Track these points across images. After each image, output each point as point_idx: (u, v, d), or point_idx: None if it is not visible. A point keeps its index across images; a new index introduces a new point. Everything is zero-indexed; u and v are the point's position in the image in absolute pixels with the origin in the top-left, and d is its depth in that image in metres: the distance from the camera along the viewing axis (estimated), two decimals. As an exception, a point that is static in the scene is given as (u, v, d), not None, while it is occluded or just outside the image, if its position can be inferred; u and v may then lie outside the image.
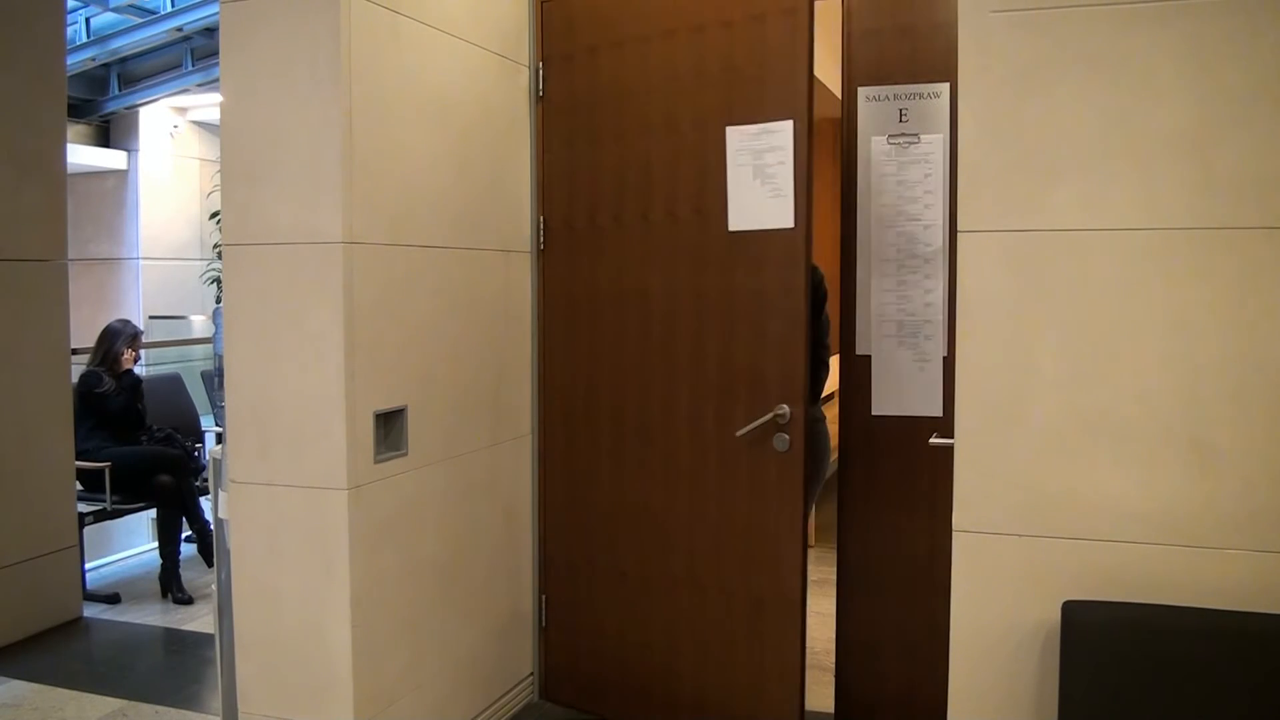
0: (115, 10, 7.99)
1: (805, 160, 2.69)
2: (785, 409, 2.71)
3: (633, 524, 3.04)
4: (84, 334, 4.79)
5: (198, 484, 4.65)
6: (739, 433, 2.76)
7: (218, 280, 7.74)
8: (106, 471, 4.39)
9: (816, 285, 2.98)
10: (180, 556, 4.52)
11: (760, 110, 2.74)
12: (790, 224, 2.69)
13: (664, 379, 2.95)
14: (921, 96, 2.82)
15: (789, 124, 2.69)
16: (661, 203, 2.92)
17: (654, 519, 2.99)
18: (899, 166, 2.84)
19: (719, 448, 2.85)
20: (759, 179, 2.75)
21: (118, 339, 4.68)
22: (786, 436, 2.71)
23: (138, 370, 4.95)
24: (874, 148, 2.86)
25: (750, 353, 2.79)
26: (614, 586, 3.09)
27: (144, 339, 5.04)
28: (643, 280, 2.99)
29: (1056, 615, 2.00)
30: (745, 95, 2.78)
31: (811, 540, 5.00)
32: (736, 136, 2.78)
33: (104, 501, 4.42)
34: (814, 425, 3.07)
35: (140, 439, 4.72)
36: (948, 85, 2.75)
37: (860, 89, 2.88)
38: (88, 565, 4.48)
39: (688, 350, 2.90)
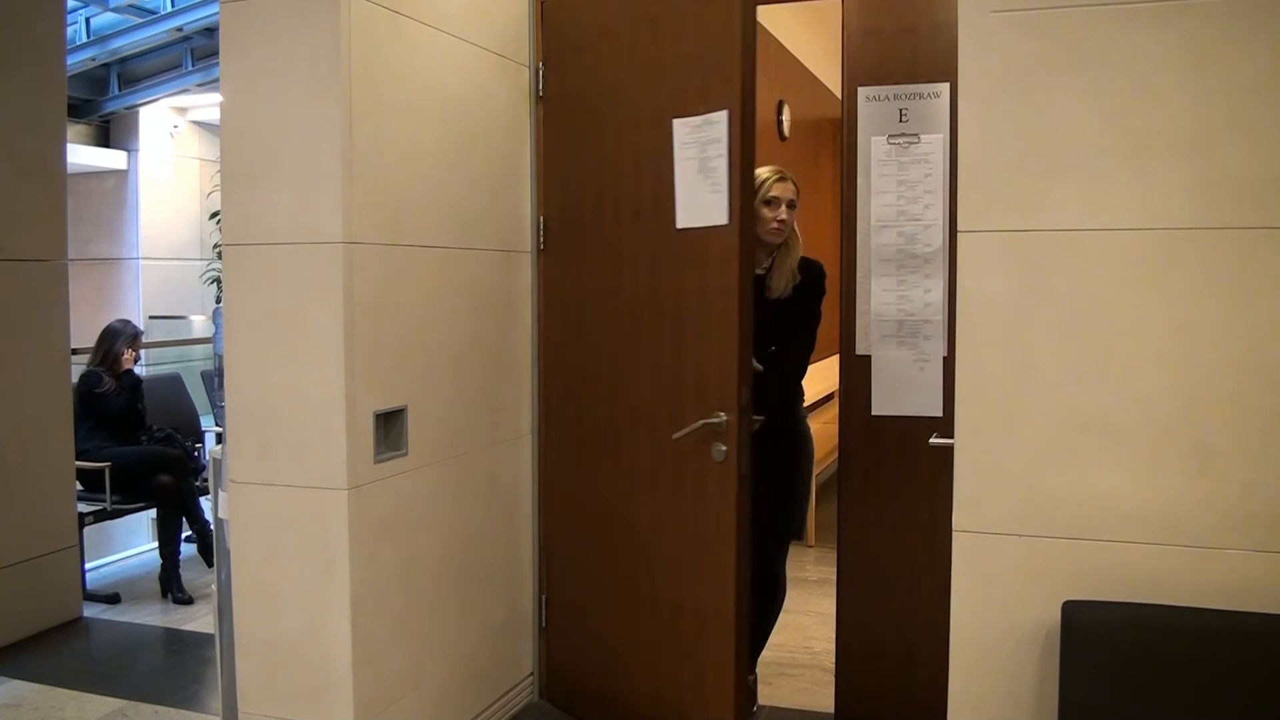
0: (115, 10, 7.99)
1: (742, 153, 2.56)
2: (722, 416, 2.58)
3: (605, 527, 3.03)
4: (84, 334, 4.79)
5: (198, 484, 4.65)
6: (675, 435, 2.65)
7: (218, 280, 7.74)
8: (106, 471, 4.39)
9: (816, 280, 2.95)
10: (180, 556, 4.52)
11: (705, 100, 2.63)
12: (725, 220, 2.58)
13: (630, 382, 2.91)
14: (921, 96, 2.82)
15: (724, 114, 2.56)
16: (629, 201, 2.88)
17: (620, 523, 2.98)
18: (899, 166, 2.84)
19: (670, 455, 2.76)
20: (703, 173, 2.64)
21: (118, 339, 4.69)
22: (723, 446, 2.58)
23: (138, 370, 4.95)
24: (874, 148, 2.86)
25: (694, 357, 2.69)
26: (598, 588, 3.09)
27: (144, 339, 5.04)
28: (616, 280, 2.95)
29: (1056, 615, 2.00)
30: (692, 85, 2.66)
31: (811, 540, 5.00)
32: (682, 129, 2.68)
33: (104, 501, 4.42)
34: (794, 436, 3.05)
35: (140, 439, 4.73)
36: (948, 85, 2.75)
37: (860, 89, 2.88)
38: (88, 565, 4.48)
39: (648, 353, 2.85)
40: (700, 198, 2.65)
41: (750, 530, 2.66)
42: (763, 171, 2.89)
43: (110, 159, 9.13)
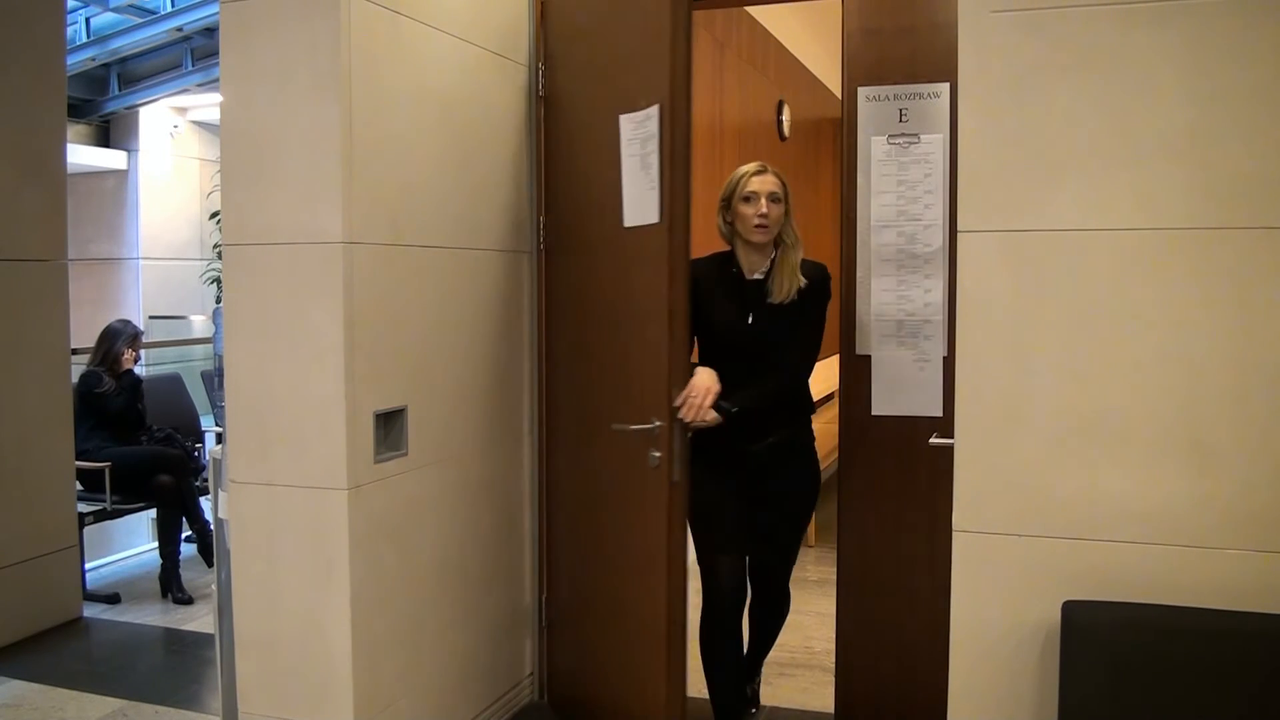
0: (115, 10, 7.98)
1: (673, 148, 2.49)
2: (656, 422, 2.54)
3: (586, 530, 3.06)
4: (84, 334, 4.78)
5: (198, 484, 4.65)
6: (614, 426, 2.63)
7: (218, 280, 7.74)
8: (106, 471, 4.39)
9: (820, 284, 2.76)
10: (180, 556, 4.52)
11: (644, 96, 2.59)
12: (656, 219, 2.55)
13: (598, 384, 2.92)
14: (921, 96, 2.82)
15: (656, 108, 2.53)
16: (610, 200, 2.85)
17: (592, 528, 3.00)
18: (899, 166, 2.84)
19: (621, 461, 2.74)
20: (644, 169, 2.61)
21: (118, 339, 4.68)
22: (657, 453, 2.54)
23: (138, 370, 4.95)
24: (874, 148, 2.86)
25: (637, 361, 2.67)
26: (582, 588, 3.11)
27: (144, 339, 5.04)
28: (597, 280, 2.96)
29: (1056, 615, 2.00)
30: (635, 81, 2.63)
31: (811, 540, 5.00)
32: (627, 125, 2.65)
33: (104, 501, 4.42)
34: (807, 457, 2.89)
35: (140, 439, 4.73)
36: (948, 85, 2.75)
37: (860, 89, 2.88)
38: (88, 565, 4.47)
39: (609, 355, 2.84)
40: (642, 195, 2.63)
41: (683, 539, 2.61)
42: (743, 167, 2.78)
43: (110, 159, 9.13)
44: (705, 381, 2.57)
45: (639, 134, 2.62)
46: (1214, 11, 1.93)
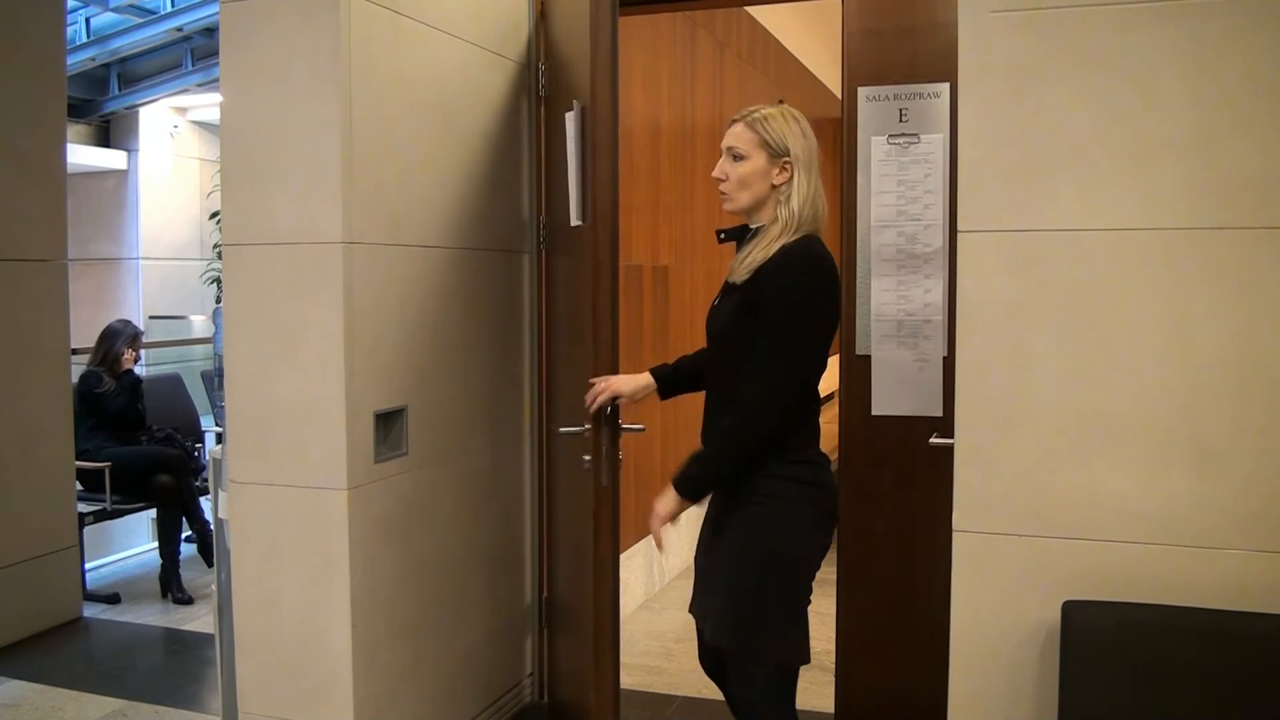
0: (115, 10, 7.98)
1: (596, 148, 2.44)
2: (586, 426, 2.46)
3: (576, 530, 3.07)
4: (84, 334, 4.78)
5: (198, 484, 4.65)
6: (561, 430, 2.63)
7: (218, 280, 7.74)
8: (106, 471, 4.38)
9: (782, 268, 2.04)
10: (180, 556, 4.51)
11: (578, 93, 2.60)
12: (579, 221, 2.56)
13: (561, 387, 2.94)
14: (921, 96, 2.82)
15: (579, 108, 2.55)
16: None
17: (570, 528, 3.02)
18: (899, 166, 2.84)
19: (575, 463, 2.72)
20: (577, 169, 2.65)
21: (118, 339, 4.68)
22: (586, 456, 2.50)
23: (138, 370, 4.95)
24: (874, 148, 2.86)
25: (580, 363, 2.66)
26: (574, 589, 3.12)
27: (144, 339, 5.04)
28: (568, 282, 2.99)
29: (1056, 615, 2.00)
30: (574, 79, 2.65)
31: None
32: (569, 124, 2.67)
33: (104, 501, 4.42)
34: (742, 484, 2.08)
35: (140, 439, 4.73)
36: (948, 85, 2.75)
37: (860, 89, 2.88)
38: (88, 565, 4.47)
39: (564, 357, 2.88)
40: (576, 194, 2.67)
41: (610, 542, 2.52)
42: None
43: (110, 159, 9.12)
44: (615, 380, 2.36)
45: (573, 134, 2.64)
46: (1214, 11, 1.92)
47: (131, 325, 4.81)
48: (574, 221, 2.69)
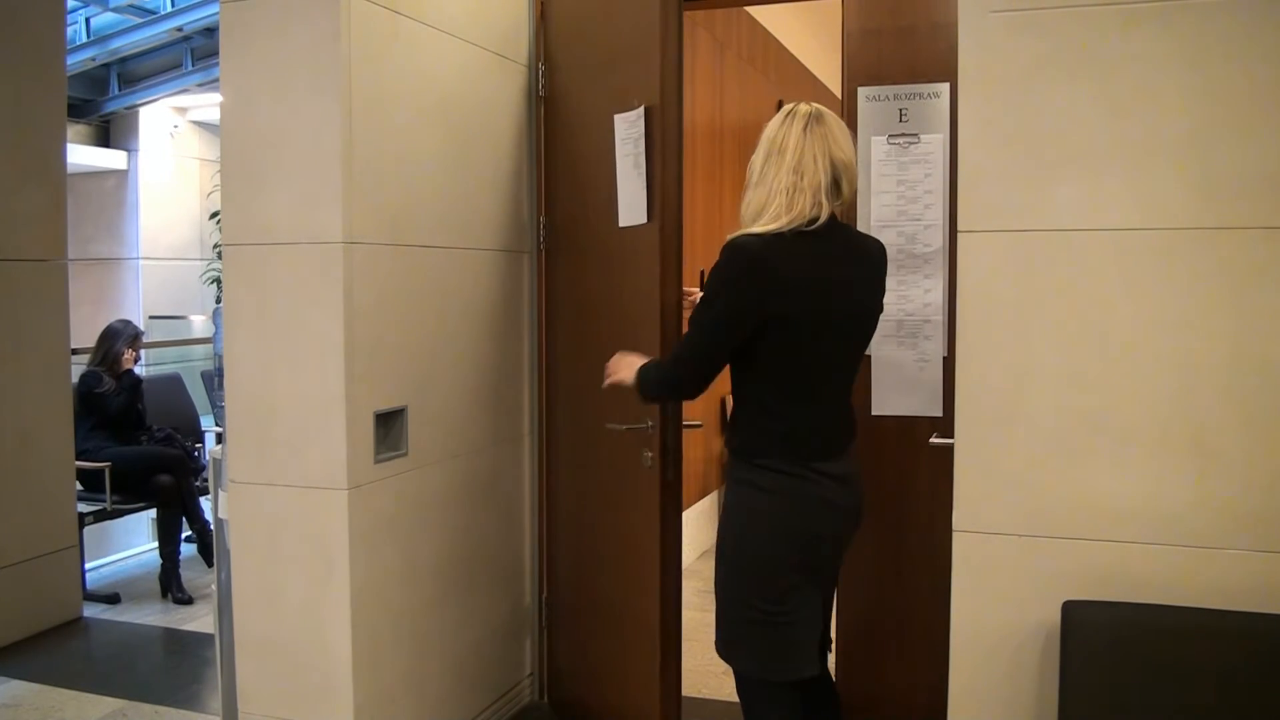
0: (115, 10, 7.98)
1: (664, 148, 2.51)
2: (648, 422, 2.52)
3: (586, 530, 3.07)
4: (84, 334, 4.79)
5: (198, 484, 4.65)
6: (609, 425, 2.62)
7: (218, 280, 7.74)
8: (106, 471, 4.39)
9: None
10: (180, 556, 4.52)
11: (637, 95, 2.63)
12: (646, 219, 2.59)
13: (595, 385, 2.92)
14: (921, 96, 2.81)
15: (644, 108, 2.58)
16: (605, 200, 2.89)
17: (590, 528, 3.01)
18: (899, 166, 2.84)
19: (618, 461, 2.75)
20: (636, 169, 2.65)
21: (118, 339, 4.69)
22: (649, 453, 2.55)
23: (138, 370, 4.95)
24: (874, 148, 2.86)
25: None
26: (582, 589, 3.12)
27: (144, 339, 5.04)
28: (593, 281, 2.98)
29: (1056, 615, 2.00)
30: (628, 80, 2.66)
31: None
32: (621, 125, 2.68)
33: (104, 501, 4.42)
34: (743, 488, 2.11)
35: (140, 439, 4.73)
36: (948, 85, 2.75)
37: (860, 89, 2.87)
38: (88, 565, 4.47)
39: (606, 354, 2.85)
40: (634, 195, 2.65)
41: (676, 539, 2.55)
42: None
43: (110, 159, 9.12)
44: (627, 354, 2.40)
45: (631, 134, 2.63)
46: (1214, 11, 1.93)
47: (132, 325, 4.81)
48: (625, 222, 2.67)
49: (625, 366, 2.33)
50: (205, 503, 4.57)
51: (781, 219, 2.02)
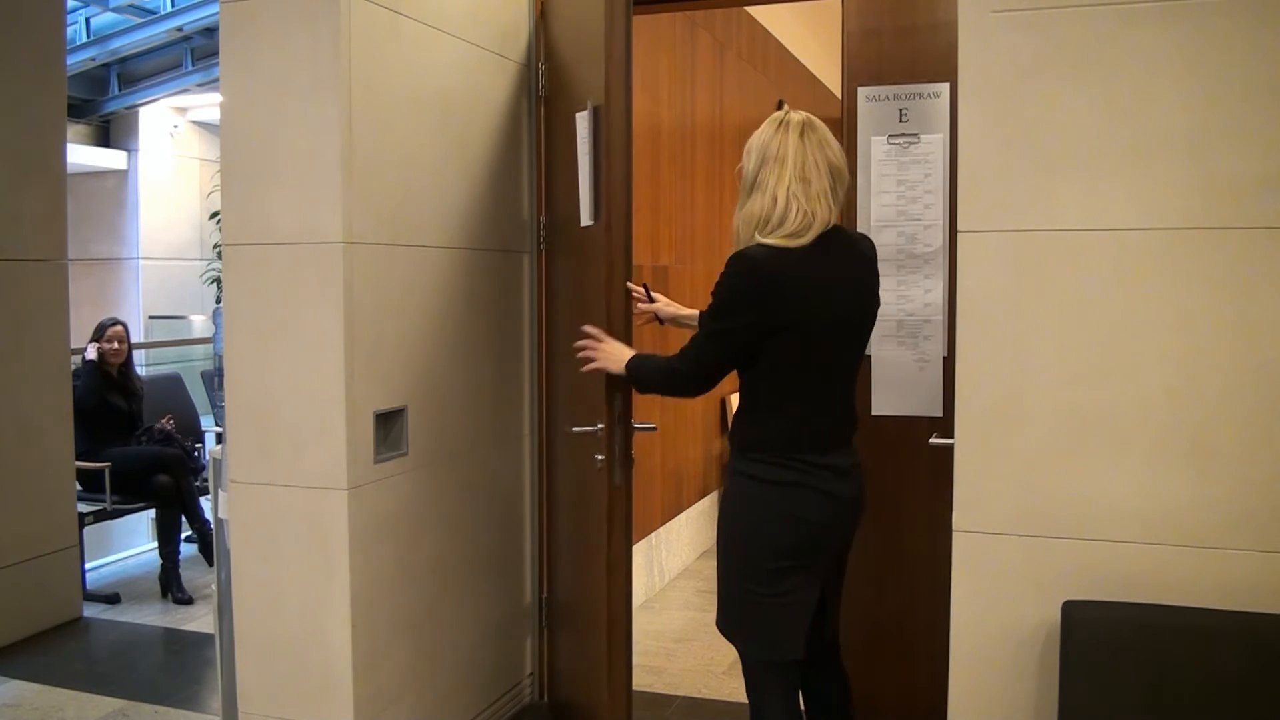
0: (115, 10, 7.99)
1: (609, 149, 2.49)
2: (599, 425, 2.54)
3: (574, 531, 3.08)
4: (84, 334, 4.79)
5: (198, 484, 4.65)
6: (572, 429, 2.64)
7: (218, 280, 7.74)
8: (106, 471, 4.39)
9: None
10: (180, 556, 4.52)
11: (591, 93, 2.62)
12: (590, 221, 2.59)
13: (568, 386, 2.94)
14: (921, 96, 2.82)
15: (591, 107, 2.57)
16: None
17: (575, 529, 3.02)
18: (899, 166, 2.84)
19: (583, 463, 2.75)
20: (589, 169, 2.65)
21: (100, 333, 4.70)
22: (599, 456, 2.55)
23: (138, 370, 4.94)
24: (874, 148, 2.86)
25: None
26: (572, 590, 3.13)
27: (143, 339, 5.04)
28: (570, 281, 3.00)
29: (1056, 615, 2.00)
30: (584, 79, 2.65)
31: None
32: (581, 124, 2.68)
33: (104, 501, 4.42)
34: (741, 479, 2.16)
35: (140, 439, 4.73)
36: (948, 85, 2.75)
37: (860, 89, 2.88)
38: (88, 565, 4.47)
39: (572, 356, 2.90)
40: (586, 195, 2.67)
41: (624, 542, 2.59)
42: None
43: (110, 159, 9.13)
44: (611, 341, 2.45)
45: (586, 133, 2.63)
46: (1214, 11, 1.92)
47: (111, 319, 4.80)
48: (584, 221, 2.69)
49: (612, 356, 2.38)
50: (205, 502, 4.57)
51: (793, 224, 2.05)
